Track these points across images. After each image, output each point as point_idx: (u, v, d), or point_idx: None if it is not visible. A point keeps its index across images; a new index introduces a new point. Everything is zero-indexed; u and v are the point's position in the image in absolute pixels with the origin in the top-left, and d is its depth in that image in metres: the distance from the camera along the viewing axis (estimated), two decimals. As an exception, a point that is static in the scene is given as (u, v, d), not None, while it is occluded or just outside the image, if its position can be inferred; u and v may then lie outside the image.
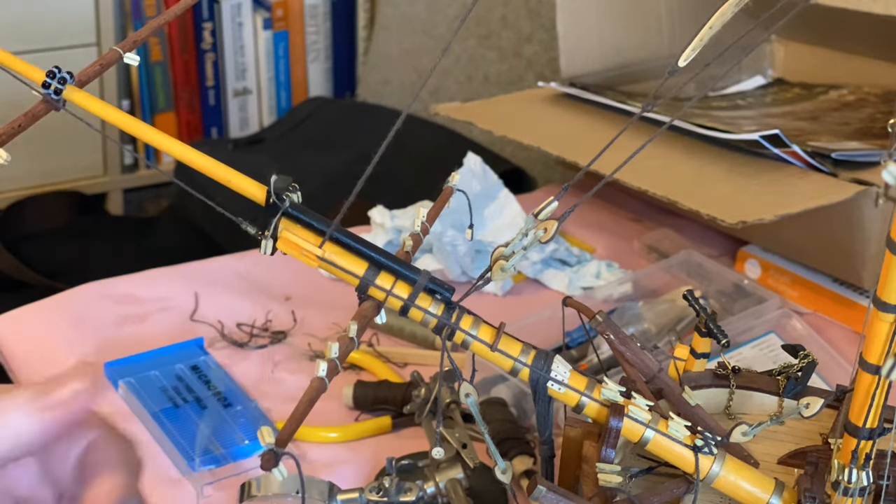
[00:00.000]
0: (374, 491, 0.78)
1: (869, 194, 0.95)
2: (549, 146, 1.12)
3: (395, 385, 0.93)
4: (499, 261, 0.51)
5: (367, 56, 2.32)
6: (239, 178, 0.50)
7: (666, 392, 0.61)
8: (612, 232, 1.27)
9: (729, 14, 0.49)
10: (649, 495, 0.59)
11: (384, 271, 0.51)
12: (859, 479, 0.57)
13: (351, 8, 2.37)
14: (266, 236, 0.50)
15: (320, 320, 1.06)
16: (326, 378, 0.45)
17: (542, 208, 0.49)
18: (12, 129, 0.49)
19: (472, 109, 1.26)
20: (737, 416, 0.69)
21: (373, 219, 1.17)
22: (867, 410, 0.56)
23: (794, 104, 1.31)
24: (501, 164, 1.60)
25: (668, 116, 1.04)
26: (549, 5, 1.70)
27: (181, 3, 0.58)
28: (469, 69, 1.97)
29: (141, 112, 2.32)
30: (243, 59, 2.35)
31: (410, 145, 1.67)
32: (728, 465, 0.57)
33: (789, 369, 0.67)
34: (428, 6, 2.07)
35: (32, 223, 2.01)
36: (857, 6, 1.11)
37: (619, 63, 1.35)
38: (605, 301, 1.07)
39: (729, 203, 0.97)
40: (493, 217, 1.19)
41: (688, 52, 0.49)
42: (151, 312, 1.07)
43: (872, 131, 1.17)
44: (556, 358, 0.56)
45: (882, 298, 0.53)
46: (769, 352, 0.98)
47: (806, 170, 1.02)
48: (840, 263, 1.04)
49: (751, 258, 1.14)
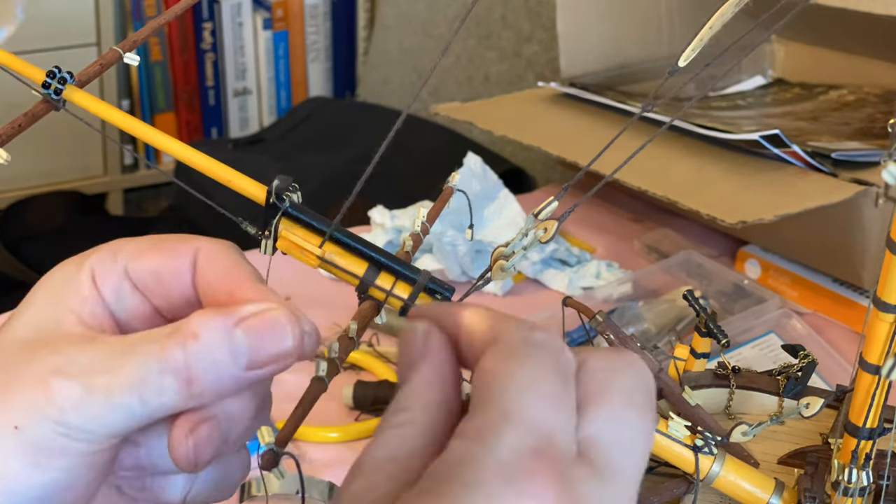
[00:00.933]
0: (374, 491, 0.78)
1: (869, 194, 0.95)
2: (549, 146, 1.12)
3: (395, 385, 0.93)
4: (499, 261, 0.51)
5: (367, 56, 2.32)
6: (239, 178, 0.50)
7: (666, 392, 0.61)
8: (612, 232, 1.27)
9: (729, 14, 0.49)
10: (649, 495, 0.59)
11: (384, 271, 0.51)
12: (859, 478, 0.57)
13: (351, 8, 2.38)
14: (266, 236, 0.50)
15: (320, 320, 1.05)
16: (326, 378, 0.45)
17: (542, 208, 0.49)
18: (12, 130, 0.49)
19: (472, 109, 1.26)
20: (737, 416, 0.69)
21: (373, 219, 1.17)
22: (867, 410, 0.56)
23: (794, 104, 1.31)
24: (501, 164, 1.60)
25: (668, 116, 1.04)
26: (549, 5, 1.70)
27: (181, 3, 0.58)
28: (469, 69, 1.97)
29: (141, 112, 2.32)
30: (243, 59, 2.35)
31: (410, 145, 1.67)
32: (728, 465, 0.57)
33: (789, 369, 0.67)
34: (428, 6, 2.07)
35: (32, 223, 2.01)
36: (857, 6, 1.11)
37: (619, 63, 1.35)
38: (605, 301, 1.07)
39: (729, 203, 0.97)
40: (493, 217, 1.19)
41: (688, 52, 0.49)
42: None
43: (872, 131, 1.17)
44: (556, 358, 0.56)
45: (882, 298, 0.53)
46: (769, 352, 0.98)
47: (806, 170, 1.02)
48: (840, 263, 1.04)
49: (751, 258, 1.14)
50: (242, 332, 0.41)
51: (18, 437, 0.39)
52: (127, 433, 0.41)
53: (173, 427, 0.41)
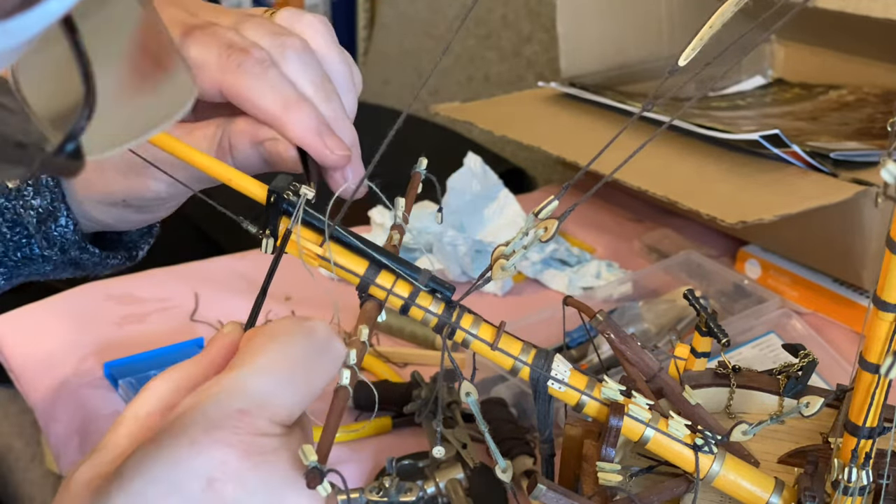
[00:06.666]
0: (375, 491, 0.78)
1: (869, 194, 0.95)
2: (549, 146, 1.12)
3: (395, 385, 0.93)
4: (499, 260, 0.51)
5: (367, 56, 2.32)
6: (239, 177, 0.50)
7: (666, 391, 0.61)
8: (612, 232, 1.27)
9: (729, 14, 0.49)
10: (649, 494, 0.59)
11: (385, 270, 0.51)
12: (859, 478, 0.57)
13: (351, 8, 2.37)
14: (266, 235, 0.50)
15: (320, 320, 1.06)
16: (349, 385, 0.46)
17: (542, 207, 0.49)
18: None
19: (472, 109, 1.26)
20: (737, 416, 0.69)
21: (373, 219, 1.17)
22: (867, 409, 0.56)
23: (793, 104, 1.31)
24: (501, 164, 1.60)
25: (667, 116, 1.04)
26: (549, 5, 1.70)
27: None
28: (469, 69, 1.97)
29: (141, 112, 2.31)
30: (243, 60, 2.35)
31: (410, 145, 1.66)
32: (728, 464, 0.57)
33: (789, 368, 0.67)
34: (428, 6, 2.07)
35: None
36: (857, 9, 1.11)
37: (619, 63, 1.35)
38: (605, 301, 1.08)
39: (729, 203, 0.97)
40: (493, 217, 1.19)
41: (688, 52, 0.49)
42: (151, 312, 1.08)
43: (872, 131, 1.17)
44: (556, 357, 0.56)
45: (882, 298, 0.53)
46: (769, 352, 0.98)
47: (806, 170, 1.02)
48: (840, 263, 1.04)
49: (751, 258, 1.14)
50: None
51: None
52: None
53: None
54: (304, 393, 0.44)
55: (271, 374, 0.43)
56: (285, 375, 0.44)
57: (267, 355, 0.44)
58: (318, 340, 0.45)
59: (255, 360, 0.44)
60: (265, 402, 0.42)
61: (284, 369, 0.44)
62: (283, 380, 0.43)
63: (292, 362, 0.44)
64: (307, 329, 0.45)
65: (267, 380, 0.43)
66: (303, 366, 0.44)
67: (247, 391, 0.42)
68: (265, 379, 0.43)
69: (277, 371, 0.44)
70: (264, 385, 0.43)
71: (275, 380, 0.43)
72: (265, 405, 0.42)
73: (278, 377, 0.43)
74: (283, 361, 0.44)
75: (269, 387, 0.43)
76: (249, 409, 0.42)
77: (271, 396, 0.43)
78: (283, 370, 0.44)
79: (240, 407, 0.42)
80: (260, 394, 0.42)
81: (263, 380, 0.43)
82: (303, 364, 0.44)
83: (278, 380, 0.43)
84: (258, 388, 0.43)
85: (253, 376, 0.43)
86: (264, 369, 0.43)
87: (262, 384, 0.43)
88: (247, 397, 0.42)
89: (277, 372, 0.43)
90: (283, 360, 0.44)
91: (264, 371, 0.43)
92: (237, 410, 0.42)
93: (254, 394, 0.42)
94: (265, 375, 0.43)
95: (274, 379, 0.43)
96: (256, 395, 0.42)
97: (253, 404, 0.42)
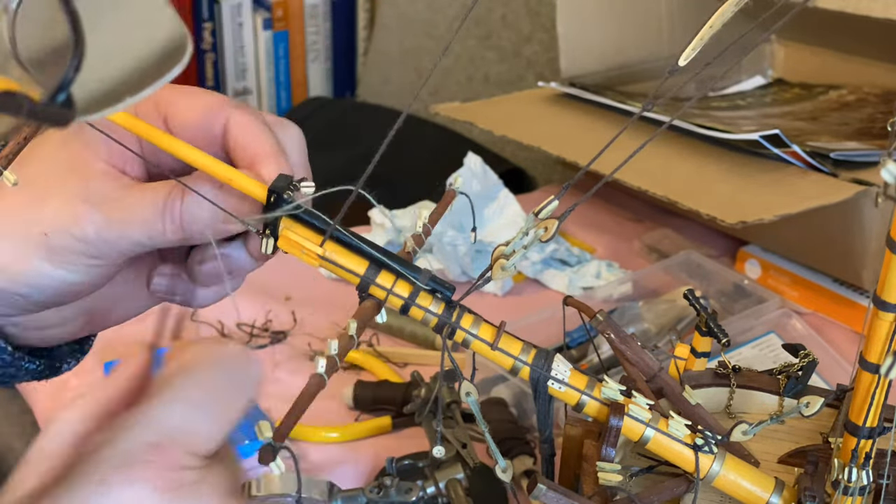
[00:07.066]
0: (375, 491, 0.78)
1: (869, 194, 0.95)
2: (549, 146, 1.12)
3: (395, 385, 0.93)
4: (499, 259, 0.51)
5: (367, 56, 2.32)
6: (239, 176, 0.50)
7: (666, 391, 0.61)
8: (612, 232, 1.27)
9: (729, 14, 0.49)
10: (649, 494, 0.59)
11: (385, 270, 0.51)
12: (859, 477, 0.57)
13: (351, 8, 2.37)
14: (266, 235, 0.50)
15: (320, 320, 1.06)
16: (326, 375, 0.45)
17: (542, 207, 0.49)
18: (18, 146, 0.49)
19: (472, 109, 1.26)
20: (737, 415, 0.69)
21: (373, 219, 1.17)
22: (867, 409, 0.56)
23: (793, 104, 1.31)
24: (501, 164, 1.60)
25: (668, 116, 1.04)
26: (549, 5, 1.70)
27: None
28: (469, 69, 1.97)
29: (141, 112, 2.31)
30: (243, 59, 2.35)
31: (410, 145, 1.67)
32: (728, 464, 0.57)
33: (789, 368, 0.67)
34: (428, 6, 2.07)
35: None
36: (857, 9, 1.11)
37: (619, 63, 1.35)
38: (605, 301, 1.08)
39: (729, 203, 0.97)
40: (493, 217, 1.19)
41: (688, 52, 0.49)
42: (151, 312, 1.07)
43: (872, 131, 1.17)
44: (556, 357, 0.56)
45: (882, 297, 0.53)
46: (769, 352, 0.98)
47: (806, 170, 1.02)
48: (840, 263, 1.04)
49: (751, 258, 1.14)
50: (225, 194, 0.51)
51: (45, 241, 0.51)
52: (132, 255, 0.53)
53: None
54: (222, 420, 0.43)
55: (184, 403, 0.42)
56: (199, 404, 0.43)
57: (179, 385, 0.43)
58: (231, 365, 0.44)
59: (166, 392, 0.42)
60: (180, 434, 0.41)
61: (197, 398, 0.43)
62: (198, 409, 0.42)
63: (205, 390, 0.43)
64: (219, 354, 0.44)
65: (180, 410, 0.42)
66: (217, 392, 0.43)
67: (160, 423, 0.41)
68: (178, 409, 0.42)
69: (190, 400, 0.42)
70: (177, 416, 0.42)
71: (188, 409, 0.42)
72: (180, 437, 0.41)
73: (192, 407, 0.42)
74: (195, 390, 0.43)
75: (184, 417, 0.42)
76: (162, 442, 0.40)
77: (186, 427, 0.42)
78: (196, 399, 0.43)
79: (152, 440, 0.40)
80: (173, 425, 0.41)
81: (177, 410, 0.42)
82: (217, 391, 0.43)
83: (192, 409, 0.42)
84: (171, 420, 0.41)
85: (165, 407, 0.42)
86: (177, 400, 0.42)
87: (174, 415, 0.42)
88: (160, 430, 0.41)
89: (190, 401, 0.42)
90: (194, 389, 0.43)
91: (177, 401, 0.42)
92: (150, 444, 0.40)
93: (167, 426, 0.41)
94: (178, 405, 0.42)
95: (187, 409, 0.42)
96: (170, 426, 0.41)
97: (166, 437, 0.41)
